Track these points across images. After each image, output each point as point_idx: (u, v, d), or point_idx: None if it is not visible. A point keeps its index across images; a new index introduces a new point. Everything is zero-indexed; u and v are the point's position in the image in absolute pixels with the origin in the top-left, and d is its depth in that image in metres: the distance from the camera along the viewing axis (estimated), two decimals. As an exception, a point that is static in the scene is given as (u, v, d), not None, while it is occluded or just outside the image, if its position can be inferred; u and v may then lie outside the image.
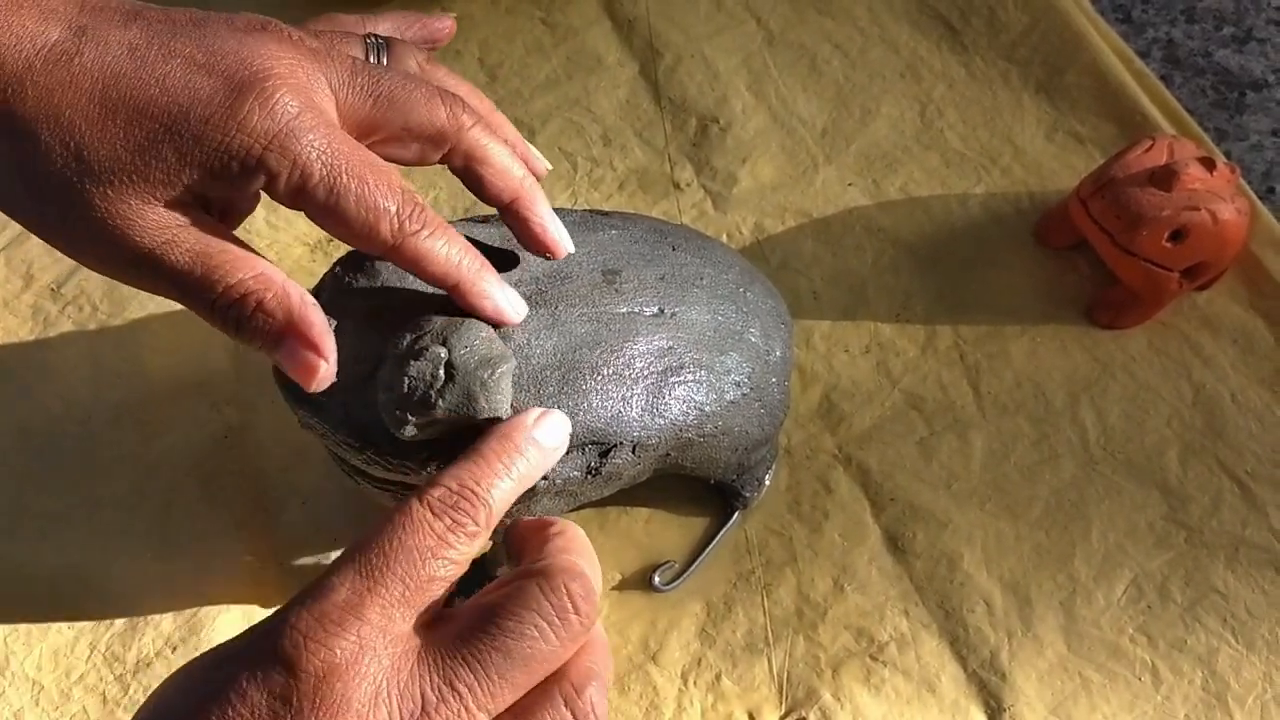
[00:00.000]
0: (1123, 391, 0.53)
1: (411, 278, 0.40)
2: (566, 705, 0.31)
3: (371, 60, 0.42)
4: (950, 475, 0.51)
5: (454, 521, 0.32)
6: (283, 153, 0.35)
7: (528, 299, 0.41)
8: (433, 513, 0.32)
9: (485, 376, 0.37)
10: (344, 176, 0.36)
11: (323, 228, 0.37)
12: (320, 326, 0.36)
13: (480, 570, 0.46)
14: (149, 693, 0.32)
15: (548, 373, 0.39)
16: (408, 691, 0.30)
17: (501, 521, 0.34)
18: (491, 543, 0.45)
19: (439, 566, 0.31)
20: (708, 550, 0.48)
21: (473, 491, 0.33)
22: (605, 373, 0.40)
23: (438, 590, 0.31)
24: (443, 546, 0.31)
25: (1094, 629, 0.47)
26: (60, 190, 0.35)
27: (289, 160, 0.35)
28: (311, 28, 0.43)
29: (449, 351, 0.37)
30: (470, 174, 0.40)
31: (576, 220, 0.44)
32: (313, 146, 0.35)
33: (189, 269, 0.36)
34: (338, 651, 0.29)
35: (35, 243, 0.58)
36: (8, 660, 0.46)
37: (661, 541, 0.49)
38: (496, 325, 0.39)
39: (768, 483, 0.49)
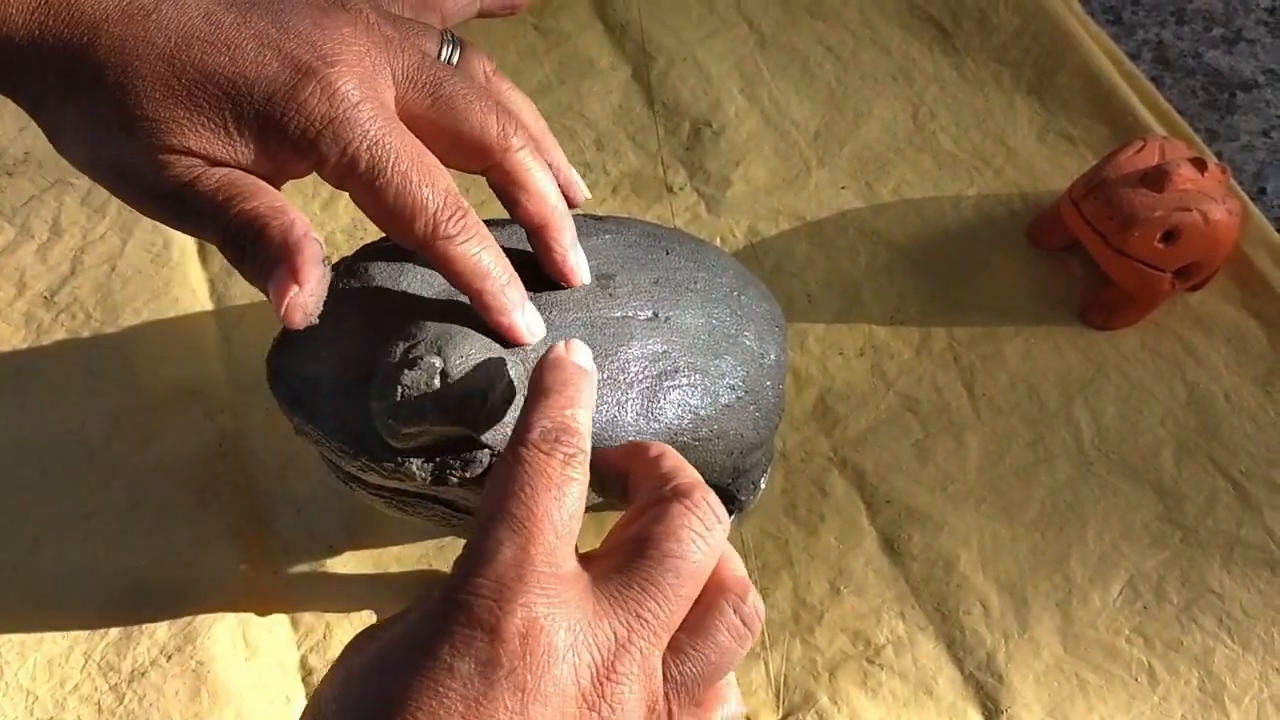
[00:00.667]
0: (1117, 392, 0.53)
1: (407, 284, 0.40)
2: (736, 613, 0.33)
3: (444, 55, 0.42)
4: (946, 477, 0.51)
5: (566, 455, 0.32)
6: (335, 138, 0.36)
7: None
8: (543, 453, 0.32)
9: (480, 385, 0.37)
10: (389, 169, 0.36)
11: (363, 211, 0.38)
12: (310, 258, 0.36)
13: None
14: (144, 702, 0.32)
15: (542, 378, 0.39)
16: (600, 628, 0.31)
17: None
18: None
19: (572, 500, 0.32)
20: (704, 554, 0.48)
21: (565, 422, 0.33)
22: (600, 377, 0.40)
23: (578, 524, 0.32)
24: (567, 481, 0.32)
25: (1090, 630, 0.47)
26: (117, 127, 0.36)
27: (339, 146, 0.36)
28: (392, 11, 0.43)
29: (443, 361, 0.37)
30: (507, 194, 0.40)
31: (570, 225, 0.44)
32: (365, 136, 0.36)
33: (211, 196, 0.36)
34: (533, 607, 0.30)
35: (28, 250, 0.58)
36: (1, 670, 0.46)
37: (657, 546, 0.49)
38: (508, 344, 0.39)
39: (763, 486, 0.49)
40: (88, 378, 0.54)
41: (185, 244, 0.58)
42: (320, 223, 0.59)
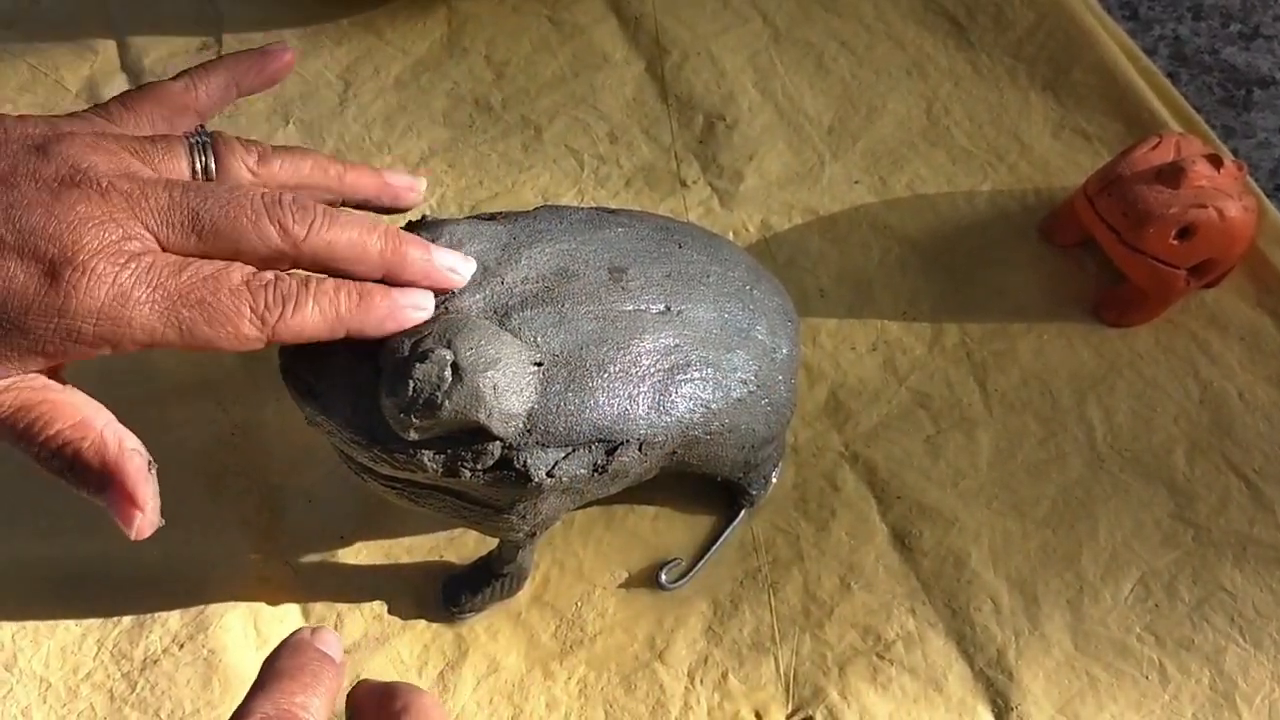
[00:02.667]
0: (1130, 389, 0.53)
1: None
2: None
3: (198, 165, 0.39)
4: (957, 473, 0.51)
5: None
6: (115, 323, 0.35)
7: (534, 298, 0.41)
8: None
9: (493, 377, 0.37)
10: (184, 315, 0.35)
11: None
12: (137, 476, 0.36)
13: (485, 570, 0.47)
14: (156, 690, 0.32)
15: (554, 370, 0.39)
16: None
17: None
18: (507, 542, 0.45)
19: None
20: (714, 548, 0.48)
21: (292, 712, 0.32)
22: (612, 370, 0.40)
23: None
24: None
25: (1101, 627, 0.46)
26: None
27: (123, 328, 0.35)
28: (140, 131, 0.40)
29: (454, 353, 0.37)
30: (329, 272, 0.38)
31: (583, 218, 0.44)
32: (142, 305, 0.35)
33: (11, 423, 0.36)
34: None
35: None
36: (15, 658, 0.46)
37: (668, 539, 0.49)
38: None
39: (774, 481, 0.49)
40: (101, 369, 0.54)
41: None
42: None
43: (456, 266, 0.40)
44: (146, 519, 0.36)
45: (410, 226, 0.43)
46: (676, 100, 0.63)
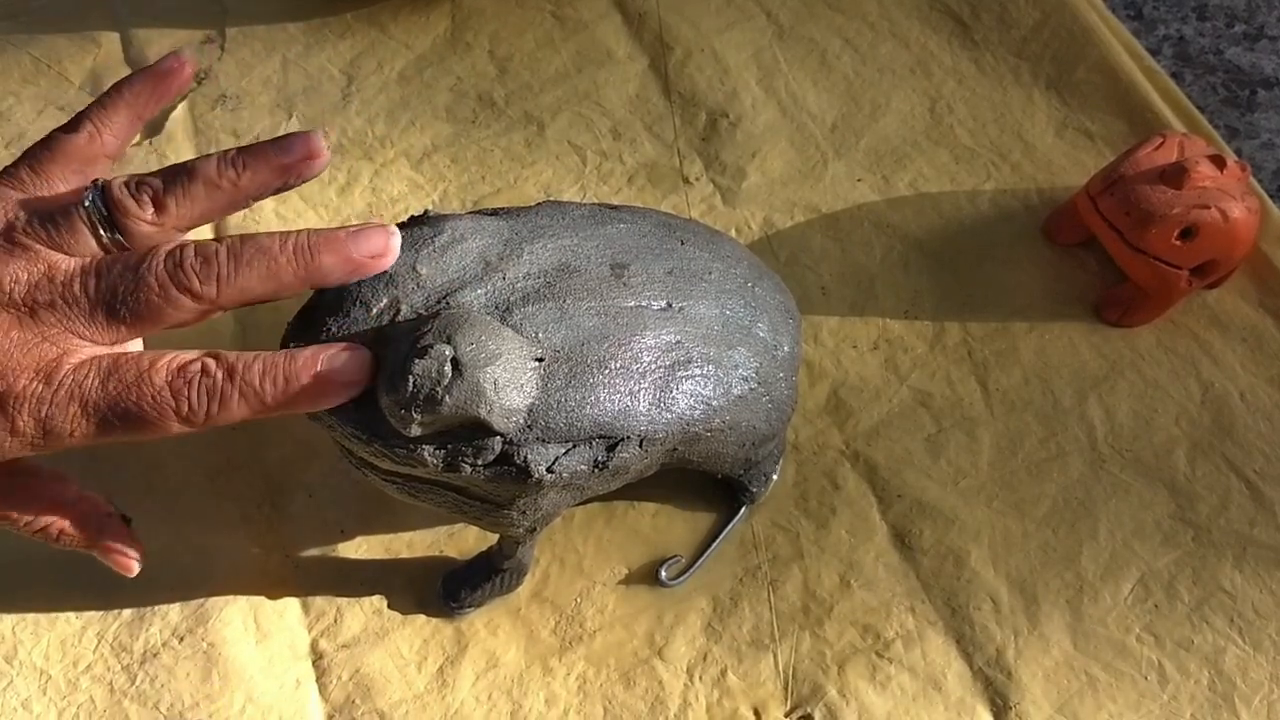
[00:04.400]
0: (1131, 390, 0.53)
1: (425, 270, 0.40)
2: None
3: (102, 234, 0.38)
4: (958, 472, 0.51)
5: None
6: (58, 437, 0.37)
7: (536, 293, 0.41)
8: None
9: (494, 372, 0.37)
10: (115, 424, 0.37)
11: None
12: (118, 534, 0.42)
13: (485, 566, 0.47)
14: (155, 682, 0.32)
15: (555, 366, 0.39)
16: None
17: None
18: (504, 538, 0.45)
19: None
20: (714, 545, 0.48)
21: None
22: (613, 366, 0.40)
23: None
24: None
25: (1100, 627, 0.46)
26: None
27: (65, 440, 0.37)
28: (47, 189, 0.40)
29: (454, 348, 0.37)
30: (259, 303, 0.39)
31: (585, 214, 0.44)
32: (77, 418, 0.36)
33: None
34: None
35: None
36: (15, 650, 0.47)
37: (668, 536, 0.49)
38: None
39: (775, 478, 0.49)
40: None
41: (200, 233, 0.58)
42: (336, 208, 0.59)
43: (378, 248, 0.39)
44: (141, 560, 0.42)
45: (412, 221, 0.43)
46: (679, 97, 0.63)
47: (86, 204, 0.38)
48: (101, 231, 0.38)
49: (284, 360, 0.37)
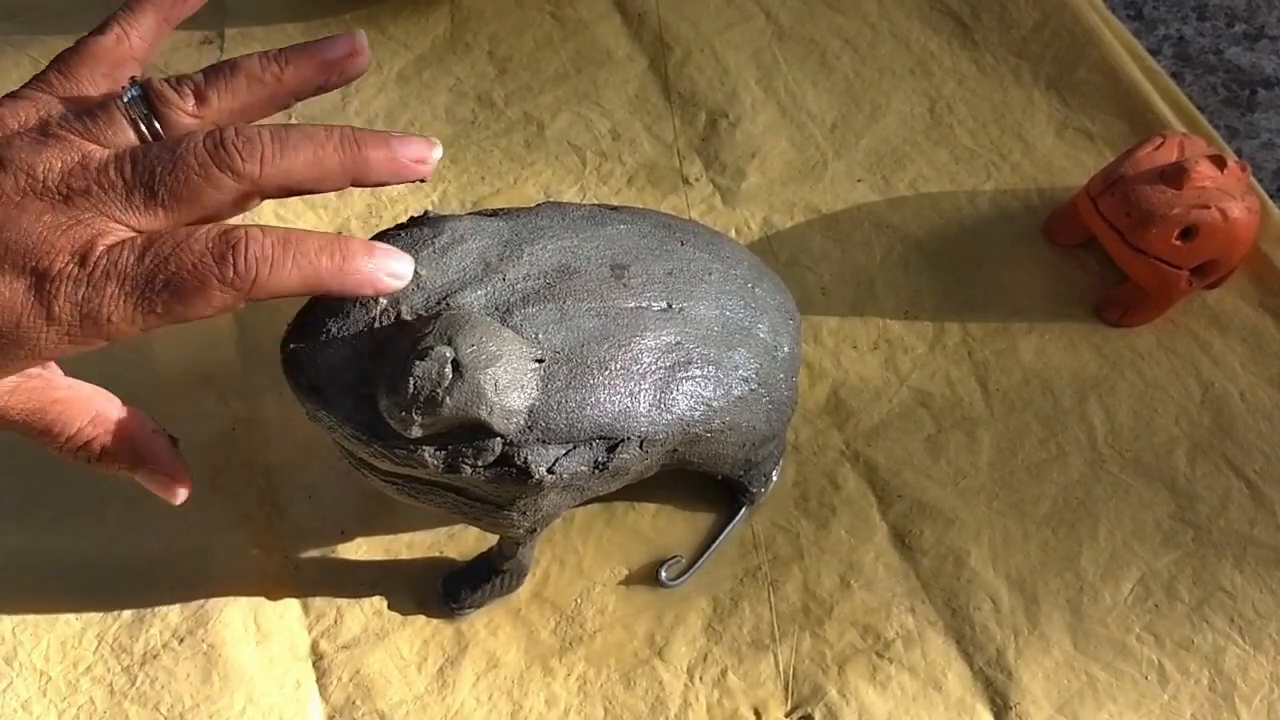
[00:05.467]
0: (1131, 390, 0.52)
1: (425, 271, 0.40)
2: None
3: (141, 126, 0.38)
4: (958, 472, 0.51)
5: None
6: (97, 321, 0.36)
7: (536, 294, 0.41)
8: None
9: (494, 373, 0.37)
10: (156, 299, 0.36)
11: None
12: (166, 453, 0.40)
13: (485, 566, 0.47)
14: (156, 684, 0.32)
15: (555, 367, 0.39)
16: None
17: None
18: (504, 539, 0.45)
19: None
20: (715, 546, 0.48)
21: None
22: (613, 367, 0.40)
23: None
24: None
25: (1101, 627, 0.46)
26: None
27: (105, 324, 0.36)
28: (82, 91, 0.40)
29: (455, 350, 0.37)
30: (300, 195, 0.39)
31: (585, 214, 0.44)
32: (117, 299, 0.35)
33: (29, 425, 0.38)
34: None
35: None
36: (15, 651, 0.47)
37: (668, 537, 0.49)
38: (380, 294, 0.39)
39: (775, 479, 0.49)
40: (102, 362, 0.54)
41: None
42: (335, 209, 0.59)
43: (421, 154, 0.39)
44: (189, 489, 0.40)
45: (412, 222, 0.43)
46: (679, 97, 0.63)
47: (126, 99, 0.38)
48: (141, 125, 0.38)
49: (336, 241, 0.37)
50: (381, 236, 0.43)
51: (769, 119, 0.62)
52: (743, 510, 0.49)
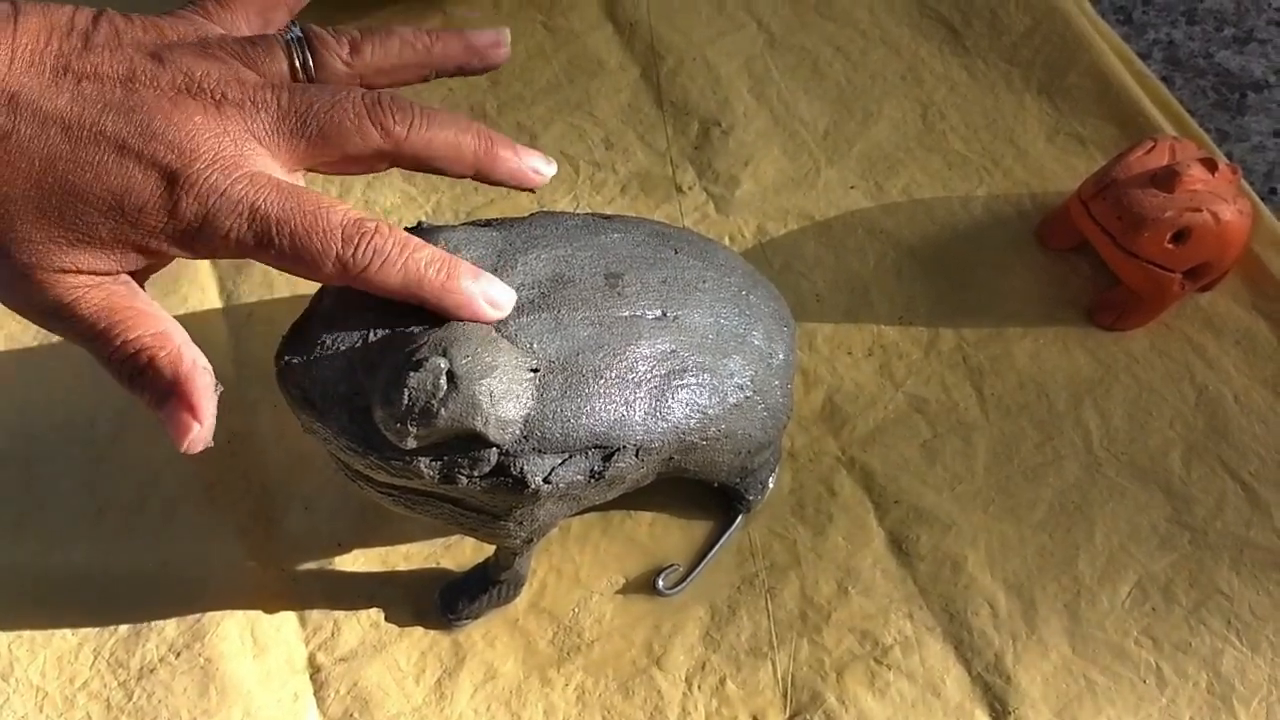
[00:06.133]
0: (1125, 393, 0.53)
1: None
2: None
3: (297, 64, 0.40)
4: (954, 478, 0.51)
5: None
6: (215, 230, 0.36)
7: (530, 304, 0.41)
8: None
9: (489, 384, 0.37)
10: (275, 235, 0.37)
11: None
12: (203, 391, 0.38)
13: (482, 577, 0.47)
14: (153, 698, 0.32)
15: (550, 377, 0.39)
16: None
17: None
18: (503, 549, 0.45)
19: None
20: (711, 554, 0.48)
21: None
22: (608, 376, 0.40)
23: None
24: None
25: (1098, 631, 0.46)
26: None
27: (222, 235, 0.36)
28: (236, 32, 0.41)
29: (449, 361, 0.37)
30: (427, 170, 0.40)
31: (579, 224, 0.44)
32: (241, 216, 0.36)
33: (94, 322, 0.37)
34: None
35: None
36: (12, 667, 0.46)
37: (665, 545, 0.49)
38: (486, 322, 0.39)
39: (771, 486, 0.49)
40: (97, 376, 0.54)
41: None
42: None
43: (539, 165, 0.42)
44: (202, 433, 0.38)
45: (409, 232, 0.43)
46: (672, 106, 0.63)
47: (288, 36, 0.40)
48: (297, 59, 0.40)
49: (448, 258, 0.39)
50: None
51: (761, 127, 0.62)
52: (739, 518, 0.49)
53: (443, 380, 0.36)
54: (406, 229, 0.43)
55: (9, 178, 0.35)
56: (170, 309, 0.55)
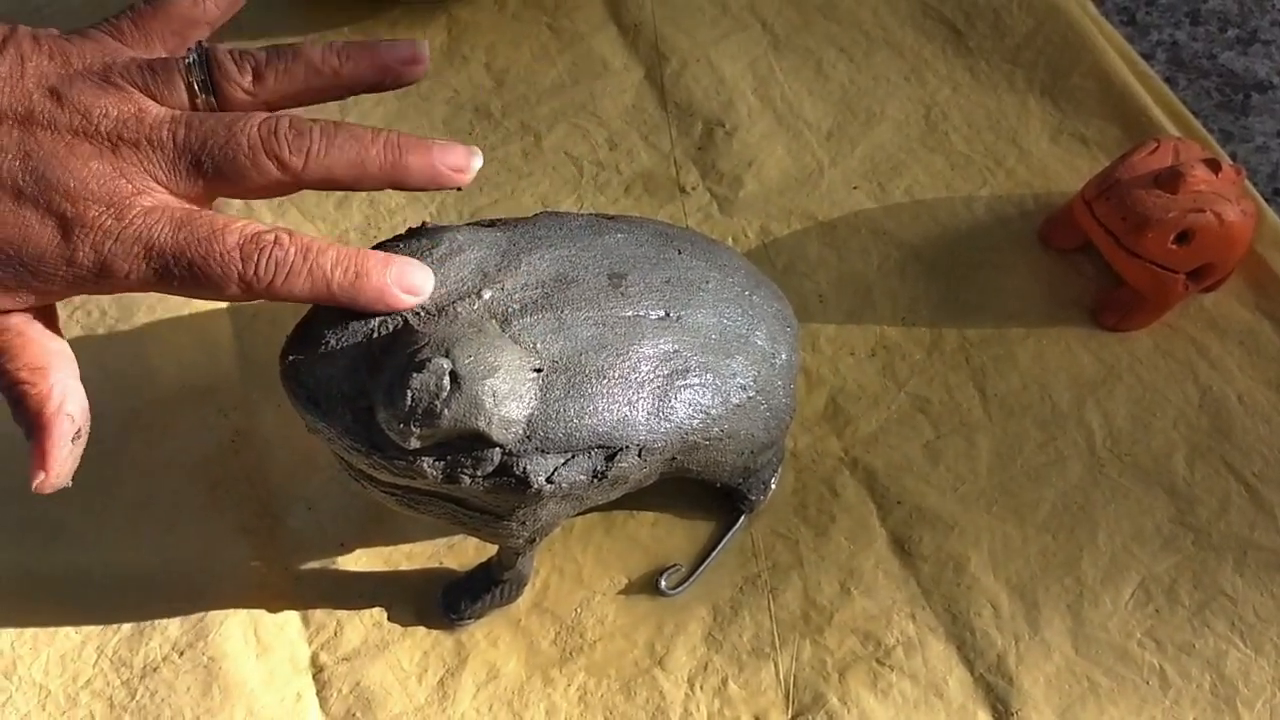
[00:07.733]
0: (1129, 394, 0.53)
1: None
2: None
3: (197, 92, 0.39)
4: (957, 478, 0.51)
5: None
6: (114, 275, 0.37)
7: (533, 304, 0.41)
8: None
9: (492, 384, 0.37)
10: (175, 267, 0.37)
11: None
12: (57, 439, 0.37)
13: (485, 577, 0.47)
14: (156, 697, 0.32)
15: (554, 377, 0.39)
16: None
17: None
18: (503, 549, 0.45)
19: None
20: (714, 554, 0.48)
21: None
22: (611, 376, 0.40)
23: None
24: None
25: (1101, 632, 0.46)
26: None
27: (121, 280, 0.37)
28: (150, 53, 0.41)
29: (452, 361, 0.37)
30: (338, 190, 0.40)
31: (582, 224, 0.44)
32: (139, 259, 0.37)
33: None
34: None
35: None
36: (15, 665, 0.46)
37: (668, 545, 0.49)
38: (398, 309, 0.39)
39: (774, 486, 0.49)
40: (102, 375, 0.54)
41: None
42: (334, 221, 0.59)
43: (460, 163, 0.40)
44: (48, 480, 0.38)
45: (409, 234, 0.43)
46: (676, 107, 0.63)
47: (189, 61, 0.39)
48: (197, 90, 0.39)
49: (356, 254, 0.38)
50: (379, 248, 0.43)
51: (765, 127, 0.62)
52: (742, 518, 0.49)
53: (446, 381, 0.36)
54: (409, 229, 0.43)
55: None
56: (174, 310, 0.56)
